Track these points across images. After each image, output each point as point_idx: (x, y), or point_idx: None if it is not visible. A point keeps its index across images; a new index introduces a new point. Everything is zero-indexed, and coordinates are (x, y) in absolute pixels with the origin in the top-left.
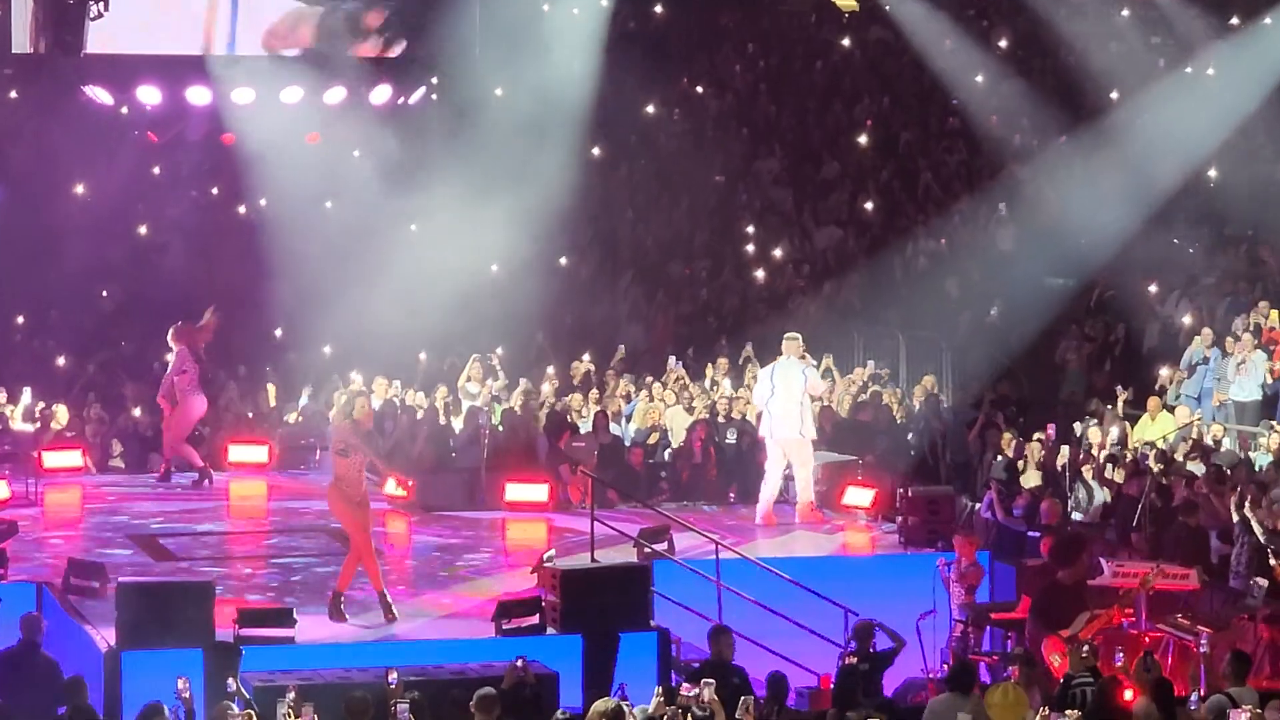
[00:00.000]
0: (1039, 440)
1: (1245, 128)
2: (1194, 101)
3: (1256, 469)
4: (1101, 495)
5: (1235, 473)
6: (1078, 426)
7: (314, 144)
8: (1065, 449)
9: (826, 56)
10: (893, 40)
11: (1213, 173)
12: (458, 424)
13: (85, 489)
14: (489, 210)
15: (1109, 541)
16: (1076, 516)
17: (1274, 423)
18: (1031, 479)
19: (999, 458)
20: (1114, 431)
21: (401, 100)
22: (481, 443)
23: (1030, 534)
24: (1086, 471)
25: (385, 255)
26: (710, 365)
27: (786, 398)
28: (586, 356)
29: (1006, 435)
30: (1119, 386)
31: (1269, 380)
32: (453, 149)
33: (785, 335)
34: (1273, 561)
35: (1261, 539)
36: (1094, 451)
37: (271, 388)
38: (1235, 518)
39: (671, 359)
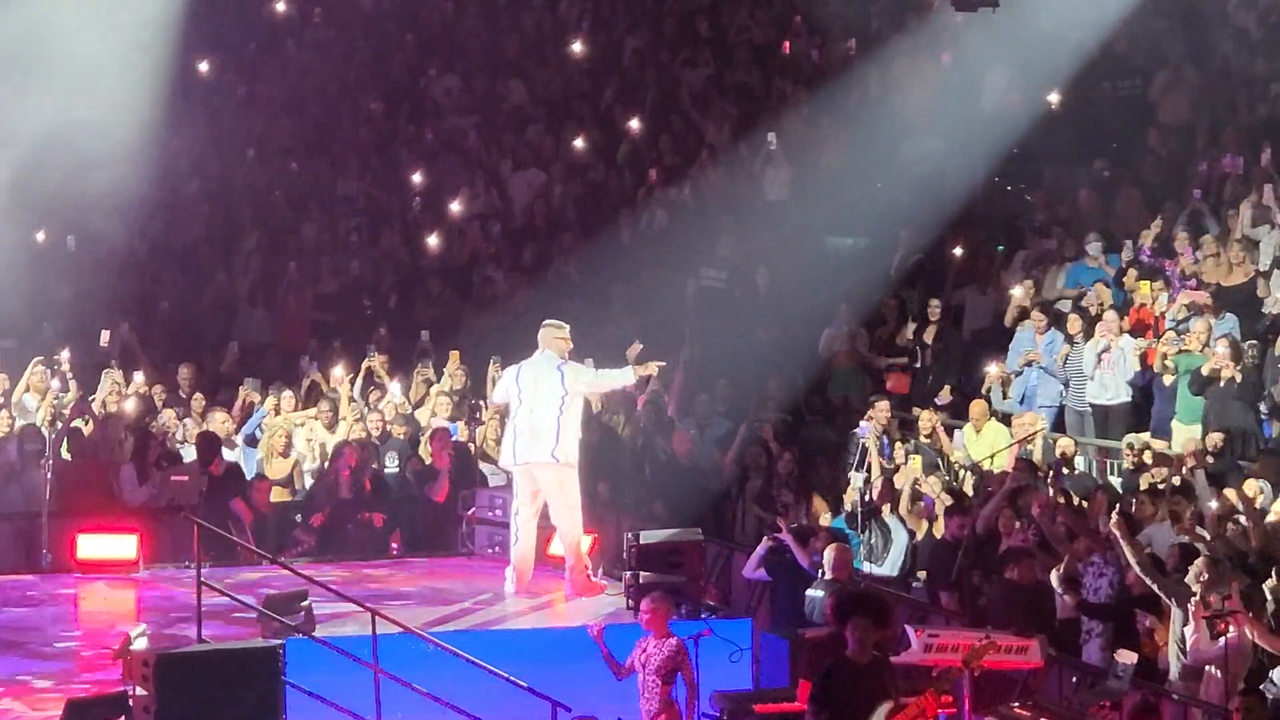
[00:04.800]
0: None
1: (1110, 34)
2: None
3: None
4: (905, 538)
5: (1094, 503)
6: (870, 442)
7: None
8: (855, 476)
9: None
10: None
11: (1055, 96)
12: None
13: None
14: (35, 139)
15: (917, 602)
16: (870, 568)
17: (1147, 437)
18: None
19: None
20: (906, 451)
21: None
22: (43, 477)
23: (810, 593)
24: (884, 506)
25: None
26: (366, 365)
27: (536, 408)
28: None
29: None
30: (947, 386)
31: (1137, 371)
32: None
33: (545, 322)
34: (1147, 623)
35: (1156, 587)
36: (896, 479)
37: None
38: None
39: (305, 359)
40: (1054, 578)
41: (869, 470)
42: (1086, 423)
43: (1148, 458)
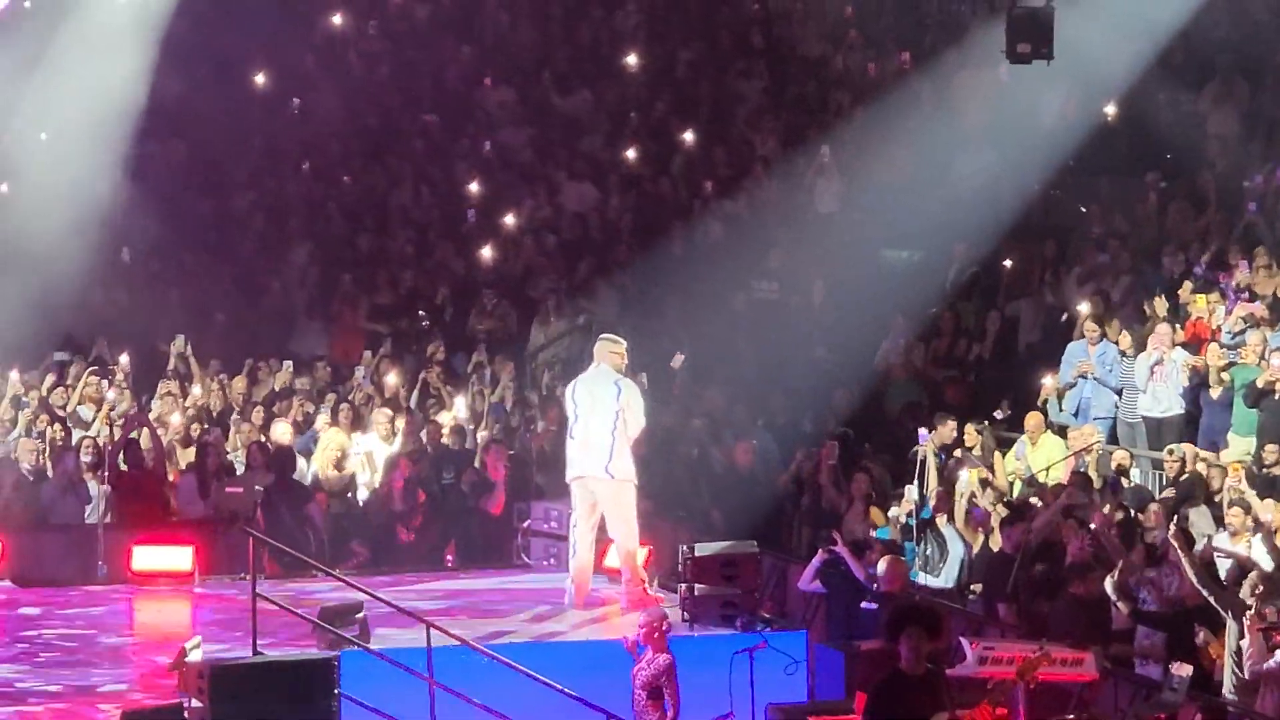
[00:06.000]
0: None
1: (1165, 47)
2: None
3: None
4: (961, 550)
5: (1149, 517)
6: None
7: None
8: (910, 489)
9: None
10: None
11: (1111, 108)
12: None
13: None
14: (99, 163)
15: (973, 615)
16: (925, 580)
17: (1196, 448)
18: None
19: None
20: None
21: None
22: (99, 489)
23: (866, 606)
24: (940, 519)
25: None
26: (423, 377)
27: (591, 423)
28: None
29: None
30: (1005, 401)
31: (1185, 385)
32: (56, 67)
33: (601, 336)
34: (1199, 636)
35: (1214, 600)
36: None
37: None
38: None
39: (360, 370)
40: (1108, 586)
41: (926, 481)
42: (1138, 434)
43: (1200, 467)
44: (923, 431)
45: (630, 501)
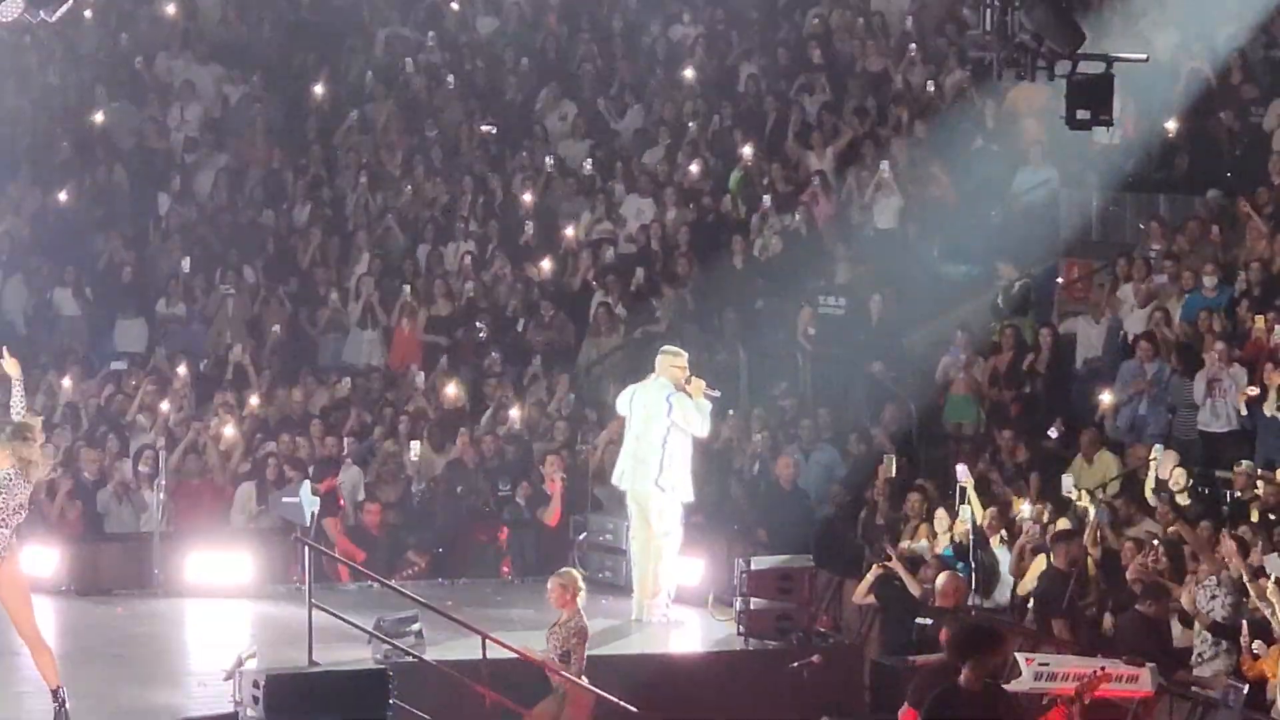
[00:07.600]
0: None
1: (1225, 63)
2: (1157, 24)
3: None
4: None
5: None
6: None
7: None
8: (964, 509)
9: None
10: None
11: (1171, 124)
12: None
13: None
14: (156, 173)
15: (1028, 631)
16: (977, 598)
17: (1254, 464)
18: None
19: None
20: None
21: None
22: (155, 497)
23: (919, 621)
24: (995, 537)
25: (19, 231)
26: (482, 387)
27: (644, 435)
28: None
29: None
30: (1059, 419)
31: (1241, 403)
32: (114, 80)
33: (662, 348)
34: (1252, 644)
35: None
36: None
37: None
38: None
39: (418, 380)
40: (1184, 600)
41: (970, 510)
42: (1194, 451)
43: (1260, 488)
44: (961, 468)
45: (675, 513)
